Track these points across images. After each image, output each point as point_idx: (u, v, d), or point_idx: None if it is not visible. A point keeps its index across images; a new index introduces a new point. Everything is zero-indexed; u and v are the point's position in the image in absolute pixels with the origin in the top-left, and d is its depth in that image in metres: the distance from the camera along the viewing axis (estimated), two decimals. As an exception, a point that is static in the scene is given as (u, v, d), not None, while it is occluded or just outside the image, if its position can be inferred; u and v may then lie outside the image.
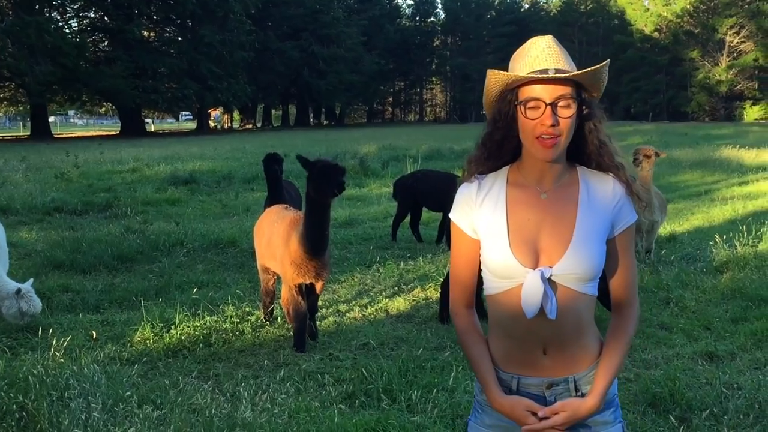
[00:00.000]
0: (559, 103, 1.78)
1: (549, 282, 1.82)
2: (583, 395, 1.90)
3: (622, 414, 4.11)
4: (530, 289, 1.81)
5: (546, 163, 1.86)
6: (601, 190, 1.90)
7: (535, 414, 1.86)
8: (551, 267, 1.83)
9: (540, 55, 1.81)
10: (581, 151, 1.92)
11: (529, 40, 1.88)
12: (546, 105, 1.78)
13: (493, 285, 1.91)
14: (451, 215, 1.99)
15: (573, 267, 1.82)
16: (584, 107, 1.88)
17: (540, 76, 1.78)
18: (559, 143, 1.80)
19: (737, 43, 65.27)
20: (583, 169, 1.94)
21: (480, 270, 1.98)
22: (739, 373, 4.76)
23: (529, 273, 1.82)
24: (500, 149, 1.93)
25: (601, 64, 1.86)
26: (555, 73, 1.78)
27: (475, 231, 1.94)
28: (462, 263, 2.00)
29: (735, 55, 65.57)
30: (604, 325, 2.00)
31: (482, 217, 1.92)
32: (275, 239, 5.58)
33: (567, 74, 1.79)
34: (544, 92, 1.78)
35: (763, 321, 5.74)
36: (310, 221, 5.14)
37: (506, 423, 1.95)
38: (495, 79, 1.86)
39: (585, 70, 1.81)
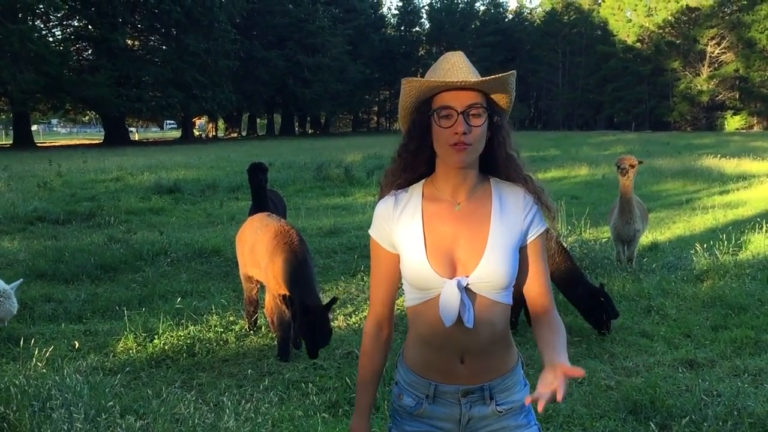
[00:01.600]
0: (471, 112, 1.87)
1: (466, 291, 1.89)
2: (497, 404, 1.97)
3: (603, 422, 4.16)
4: (448, 298, 1.88)
5: (459, 174, 1.94)
6: (513, 201, 1.98)
7: None
8: (467, 276, 1.90)
9: (451, 68, 1.91)
10: (491, 164, 2.00)
11: (443, 56, 1.98)
12: (458, 113, 1.86)
13: (412, 296, 1.98)
14: (370, 231, 2.08)
15: (487, 276, 1.89)
16: (495, 117, 1.96)
17: (452, 83, 1.86)
18: (470, 150, 1.88)
19: (718, 53, 66.13)
20: (496, 180, 2.02)
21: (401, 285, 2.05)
22: (719, 380, 4.81)
23: (447, 283, 1.88)
24: (415, 159, 2.00)
25: (507, 74, 1.94)
26: (465, 82, 1.87)
27: (393, 245, 2.01)
28: (380, 278, 2.08)
29: (716, 65, 66.43)
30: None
31: (400, 231, 1.98)
32: (259, 248, 5.58)
33: (476, 81, 1.87)
34: (456, 101, 1.87)
35: (743, 329, 5.82)
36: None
37: (424, 428, 2.02)
38: (409, 87, 1.93)
39: (492, 76, 1.90)
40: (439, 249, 1.93)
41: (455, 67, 1.91)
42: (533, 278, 2.01)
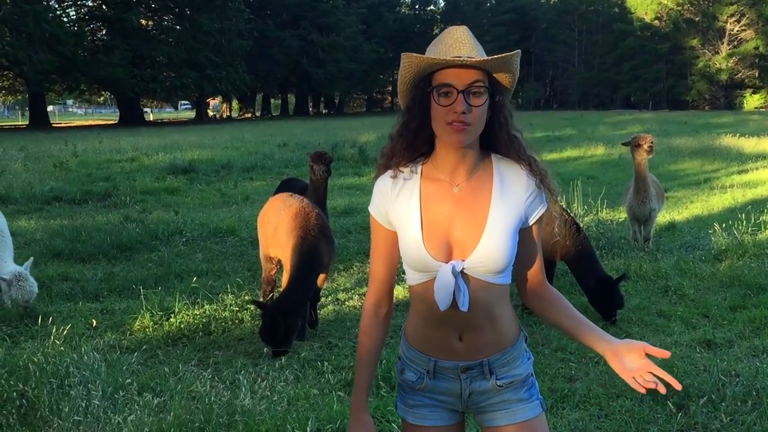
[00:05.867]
0: (472, 90, 1.80)
1: (462, 275, 1.86)
2: (497, 378, 1.97)
3: (620, 402, 4.14)
4: (442, 282, 1.85)
5: (458, 154, 1.89)
6: (515, 182, 1.92)
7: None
8: (463, 260, 1.87)
9: (454, 43, 1.84)
10: (493, 144, 1.94)
11: (445, 30, 1.91)
12: (458, 92, 1.79)
13: (410, 276, 1.96)
14: (369, 207, 2.04)
15: (485, 260, 1.86)
16: (497, 97, 1.89)
17: (453, 60, 1.79)
18: (469, 130, 1.82)
19: (738, 31, 65.03)
20: (498, 159, 1.95)
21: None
22: (737, 360, 4.77)
23: (441, 267, 1.85)
24: (416, 138, 1.94)
25: (511, 53, 1.85)
26: (468, 59, 1.79)
27: (390, 223, 1.98)
28: (379, 256, 2.05)
29: (735, 43, 65.33)
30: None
31: (397, 210, 1.95)
32: (281, 228, 5.56)
33: (479, 60, 1.80)
34: (457, 78, 1.80)
35: (762, 309, 5.76)
36: None
37: (427, 402, 2.03)
38: (408, 62, 1.87)
39: (496, 56, 1.82)
40: (436, 231, 1.89)
41: (458, 42, 1.84)
42: (532, 258, 2.00)
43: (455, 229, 1.89)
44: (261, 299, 6.09)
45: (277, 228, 5.63)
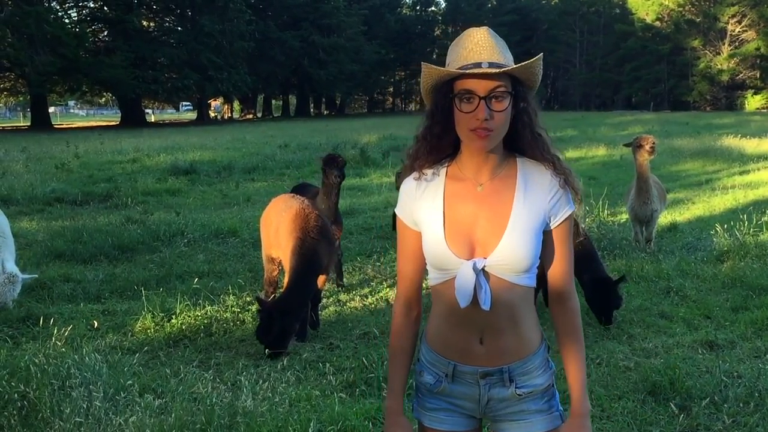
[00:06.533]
0: (494, 95, 1.79)
1: (483, 273, 1.85)
2: (517, 387, 1.95)
3: (622, 403, 4.13)
4: (463, 279, 1.85)
5: (482, 155, 1.89)
6: (539, 182, 1.91)
7: None
8: (485, 258, 1.86)
9: (474, 48, 1.82)
10: (517, 143, 1.93)
11: (465, 32, 1.89)
12: (480, 99, 1.78)
13: (432, 276, 1.96)
14: (396, 209, 2.04)
15: (506, 258, 1.85)
16: (520, 101, 1.87)
17: (472, 71, 1.78)
18: (492, 136, 1.81)
19: (739, 31, 64.97)
20: (522, 159, 1.95)
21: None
22: (739, 361, 4.76)
23: (463, 264, 1.85)
24: (441, 142, 1.94)
25: (534, 59, 1.85)
26: (488, 67, 1.78)
27: (416, 223, 1.98)
28: (406, 256, 2.04)
29: (737, 44, 65.27)
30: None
31: (421, 210, 1.95)
32: (282, 228, 5.56)
33: (499, 69, 1.78)
34: (478, 85, 1.79)
35: (764, 310, 5.75)
36: None
37: (444, 406, 2.02)
38: (428, 72, 1.87)
39: (518, 65, 1.82)
40: (459, 229, 1.89)
41: (479, 46, 1.82)
42: (557, 263, 1.97)
43: (478, 228, 1.88)
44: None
45: (278, 229, 5.63)
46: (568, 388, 2.00)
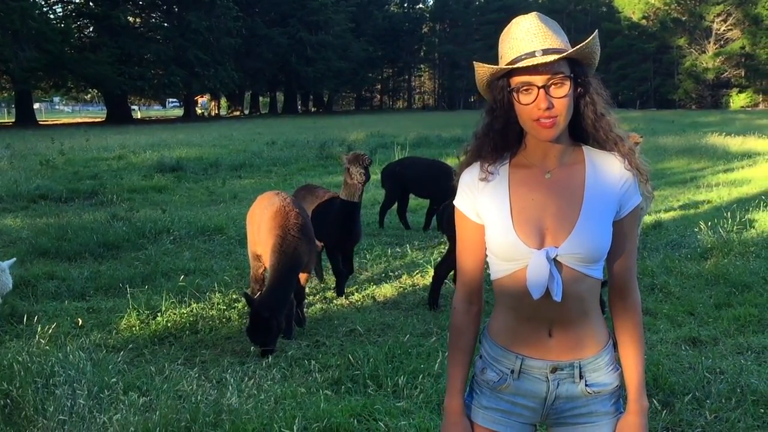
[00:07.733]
0: (552, 85, 1.74)
1: (554, 263, 1.78)
2: (587, 384, 1.88)
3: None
4: (535, 269, 1.77)
5: (548, 143, 1.82)
6: (608, 170, 1.85)
7: None
8: (557, 247, 1.79)
9: (525, 36, 1.76)
10: (578, 126, 1.87)
11: (513, 20, 1.83)
12: (538, 88, 1.73)
13: (498, 269, 1.88)
14: (455, 201, 1.95)
15: (579, 247, 1.78)
16: (580, 82, 1.81)
17: (526, 62, 1.73)
18: (557, 123, 1.76)
19: (724, 30, 65.50)
20: (588, 148, 1.89)
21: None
22: (722, 357, 4.81)
23: (534, 253, 1.78)
24: (504, 138, 1.87)
25: (589, 39, 1.78)
26: (542, 55, 1.73)
27: (478, 215, 1.90)
28: (467, 250, 1.96)
29: (722, 42, 65.83)
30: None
31: (485, 199, 1.88)
32: (263, 226, 5.56)
33: (554, 56, 1.72)
34: (535, 74, 1.73)
35: (746, 306, 5.80)
36: None
37: (503, 407, 1.94)
38: (481, 71, 1.83)
39: (574, 48, 1.76)
40: (527, 217, 1.82)
41: (529, 33, 1.75)
42: (622, 255, 1.89)
43: (548, 215, 1.81)
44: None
45: (260, 226, 5.64)
46: (625, 385, 1.94)
